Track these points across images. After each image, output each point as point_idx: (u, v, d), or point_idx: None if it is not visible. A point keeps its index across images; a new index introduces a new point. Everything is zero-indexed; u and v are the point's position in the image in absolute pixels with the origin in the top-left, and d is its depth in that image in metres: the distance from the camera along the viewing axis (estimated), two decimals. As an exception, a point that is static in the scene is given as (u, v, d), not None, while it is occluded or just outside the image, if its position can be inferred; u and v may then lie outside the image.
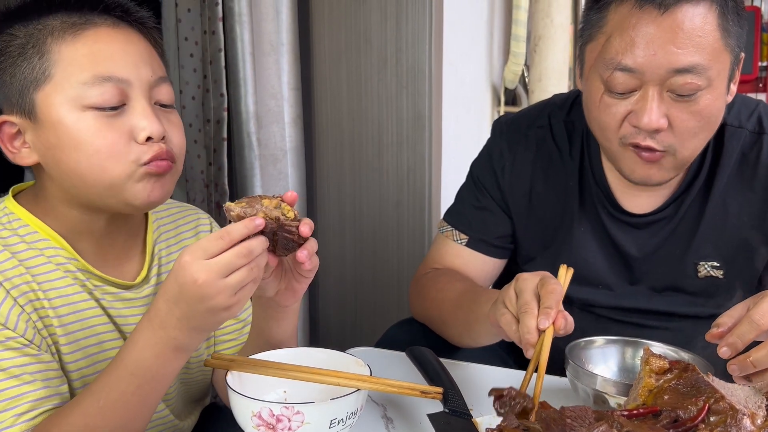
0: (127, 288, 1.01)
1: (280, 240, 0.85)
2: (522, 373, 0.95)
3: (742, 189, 1.20)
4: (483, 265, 1.35)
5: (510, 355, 1.41)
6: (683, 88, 1.04)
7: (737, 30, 1.07)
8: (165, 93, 0.95)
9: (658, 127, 1.06)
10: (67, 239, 0.96)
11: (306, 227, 0.84)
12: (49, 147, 0.91)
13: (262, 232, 0.82)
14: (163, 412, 1.06)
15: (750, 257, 1.22)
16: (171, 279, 0.81)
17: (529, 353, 0.92)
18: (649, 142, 1.08)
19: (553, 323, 0.92)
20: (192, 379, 1.11)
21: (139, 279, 1.03)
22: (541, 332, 0.92)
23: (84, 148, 0.89)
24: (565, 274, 1.03)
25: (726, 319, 0.91)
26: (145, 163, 0.91)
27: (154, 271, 1.05)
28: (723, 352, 0.87)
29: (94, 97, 0.89)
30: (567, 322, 0.93)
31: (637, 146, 1.10)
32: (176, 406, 1.10)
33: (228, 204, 0.83)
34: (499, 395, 0.85)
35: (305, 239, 0.86)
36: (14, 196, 0.99)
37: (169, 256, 1.08)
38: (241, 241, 0.79)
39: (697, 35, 1.03)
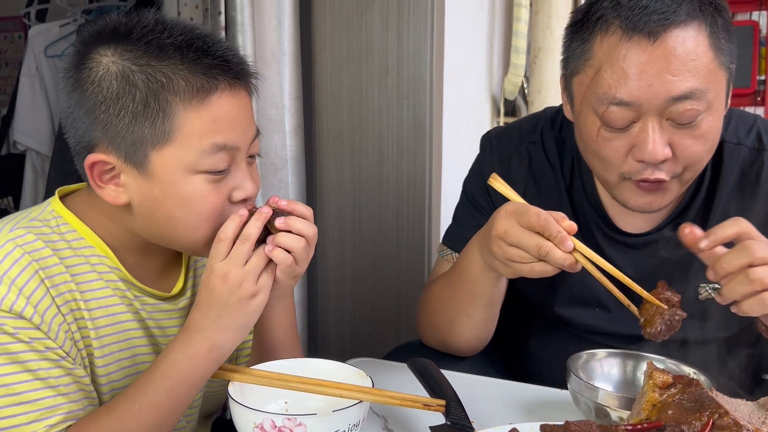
0: (165, 299, 1.03)
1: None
2: (522, 385, 0.95)
3: (743, 207, 1.16)
4: None
5: (510, 368, 1.39)
6: (683, 115, 1.02)
7: (729, 46, 1.05)
8: (257, 145, 0.98)
9: (664, 158, 1.04)
10: (112, 249, 0.97)
11: (279, 221, 0.93)
12: (150, 197, 0.92)
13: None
14: (184, 430, 1.07)
15: None
16: (201, 289, 0.92)
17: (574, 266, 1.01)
18: (657, 175, 1.05)
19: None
20: (213, 393, 1.13)
21: (175, 291, 1.05)
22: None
23: (189, 209, 0.92)
24: None
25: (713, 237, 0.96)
26: None
27: (190, 283, 1.08)
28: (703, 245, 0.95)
29: (208, 165, 0.91)
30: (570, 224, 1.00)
31: (645, 181, 1.07)
32: (195, 421, 1.10)
33: None
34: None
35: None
36: (61, 198, 0.99)
37: (203, 268, 1.09)
38: None
39: (690, 59, 1.00)
